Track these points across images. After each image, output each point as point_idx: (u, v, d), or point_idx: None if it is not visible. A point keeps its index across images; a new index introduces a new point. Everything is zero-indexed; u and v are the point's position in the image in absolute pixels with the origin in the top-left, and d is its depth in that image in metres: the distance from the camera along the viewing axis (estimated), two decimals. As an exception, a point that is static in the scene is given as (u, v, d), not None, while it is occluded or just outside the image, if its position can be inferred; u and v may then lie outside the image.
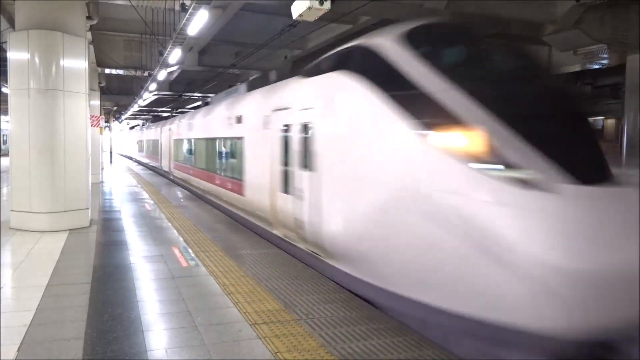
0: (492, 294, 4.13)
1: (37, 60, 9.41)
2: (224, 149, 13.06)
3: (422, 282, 4.81)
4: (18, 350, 4.23)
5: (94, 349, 4.29)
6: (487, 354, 4.32)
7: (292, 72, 9.37)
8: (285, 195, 8.08)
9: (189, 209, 13.25)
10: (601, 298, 3.83)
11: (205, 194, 15.46)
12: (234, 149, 11.76)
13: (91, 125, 12.33)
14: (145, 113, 42.55)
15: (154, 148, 29.44)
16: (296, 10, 6.56)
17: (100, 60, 17.76)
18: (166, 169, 24.40)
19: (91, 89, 13.61)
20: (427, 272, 4.74)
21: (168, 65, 14.39)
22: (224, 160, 13.14)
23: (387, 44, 5.86)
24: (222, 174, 13.02)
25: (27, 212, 9.47)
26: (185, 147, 18.85)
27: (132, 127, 57.56)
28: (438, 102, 4.90)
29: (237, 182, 11.10)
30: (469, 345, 4.48)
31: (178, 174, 20.50)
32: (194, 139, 16.91)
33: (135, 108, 32.45)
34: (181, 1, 9.25)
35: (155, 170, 28.87)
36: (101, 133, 21.71)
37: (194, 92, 26.14)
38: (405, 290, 5.03)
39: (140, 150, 39.80)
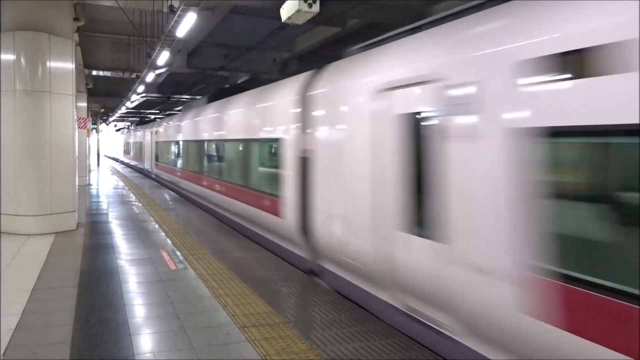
0: None
1: (23, 61, 9.32)
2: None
3: None
4: (3, 354, 4.18)
5: (80, 354, 4.24)
6: None
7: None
8: None
9: (177, 211, 13.18)
10: None
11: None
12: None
13: (78, 127, 12.22)
14: (133, 115, 42.23)
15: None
16: (285, 13, 6.57)
17: (87, 62, 17.61)
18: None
19: (78, 91, 13.48)
20: None
21: (156, 68, 14.31)
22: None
23: None
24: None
25: (13, 214, 9.36)
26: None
27: (117, 130, 57.14)
28: None
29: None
30: None
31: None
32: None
33: (123, 110, 32.19)
34: (169, 3, 9.22)
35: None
36: (88, 135, 21.53)
37: (182, 95, 26.01)
38: None
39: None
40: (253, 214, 9.47)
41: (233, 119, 11.17)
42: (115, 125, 59.00)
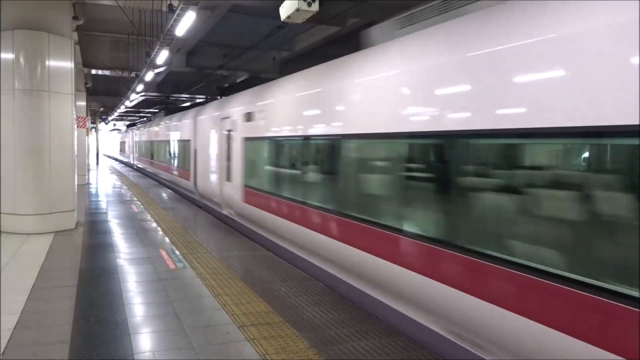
0: None
1: (22, 60, 9.31)
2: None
3: None
4: (2, 354, 4.18)
5: (79, 353, 4.24)
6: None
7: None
8: None
9: (177, 210, 13.17)
10: None
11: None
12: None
13: (77, 127, 12.21)
14: (132, 114, 42.21)
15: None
16: (284, 12, 6.56)
17: (86, 61, 17.59)
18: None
19: (77, 90, 13.49)
20: None
21: (155, 67, 14.28)
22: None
23: None
24: None
25: (12, 214, 9.35)
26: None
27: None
28: None
29: None
30: None
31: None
32: None
33: (122, 109, 32.17)
34: (169, 2, 9.21)
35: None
36: (87, 134, 21.52)
37: (181, 94, 25.99)
38: None
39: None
40: None
41: None
42: (115, 125, 57.95)
